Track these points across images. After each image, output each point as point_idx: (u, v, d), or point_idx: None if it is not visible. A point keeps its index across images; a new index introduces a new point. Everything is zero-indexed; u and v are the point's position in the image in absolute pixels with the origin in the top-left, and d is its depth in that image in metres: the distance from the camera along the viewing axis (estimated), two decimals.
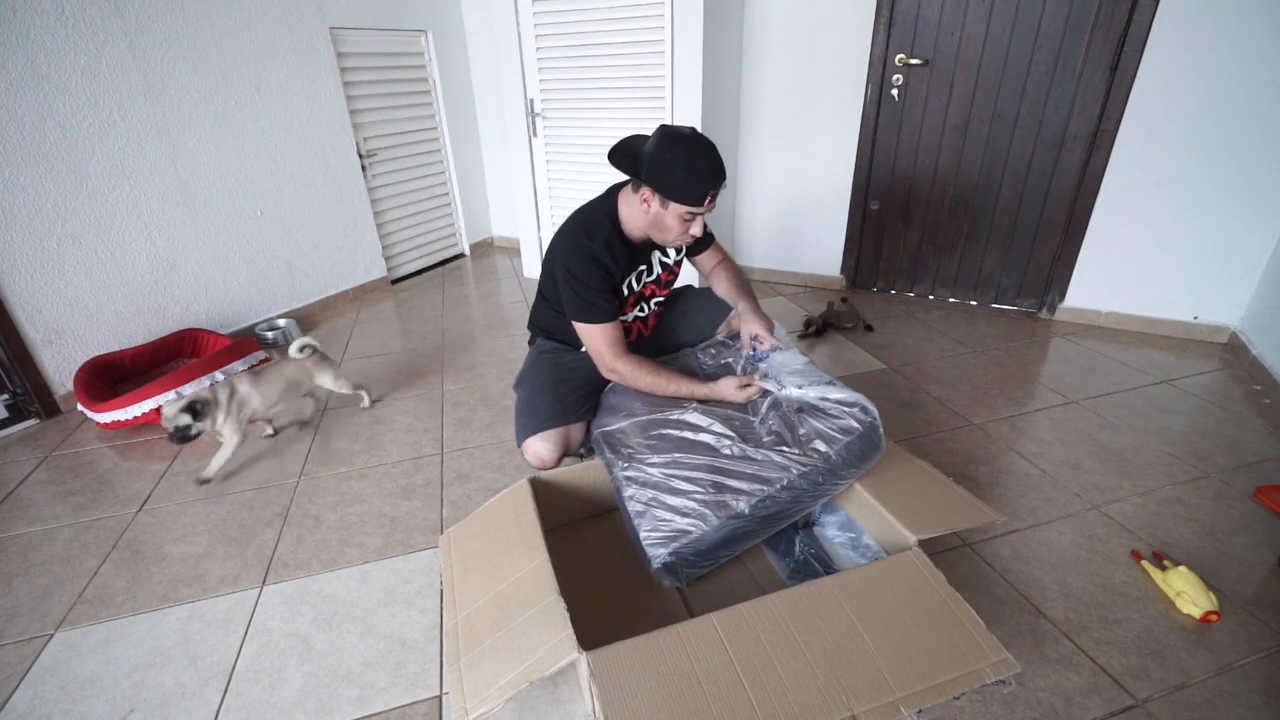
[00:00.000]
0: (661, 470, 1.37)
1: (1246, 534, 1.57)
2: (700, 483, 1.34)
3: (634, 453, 1.43)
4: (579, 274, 1.49)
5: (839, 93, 2.93)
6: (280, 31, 2.75)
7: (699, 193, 1.39)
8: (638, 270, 1.63)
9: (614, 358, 1.54)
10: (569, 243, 1.53)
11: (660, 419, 1.49)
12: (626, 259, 1.56)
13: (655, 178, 1.40)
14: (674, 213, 1.42)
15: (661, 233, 1.49)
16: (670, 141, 1.39)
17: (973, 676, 1.01)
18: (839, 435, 1.36)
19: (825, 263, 3.30)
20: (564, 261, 1.51)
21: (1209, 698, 1.17)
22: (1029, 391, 2.27)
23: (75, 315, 2.29)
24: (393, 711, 1.20)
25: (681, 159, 1.38)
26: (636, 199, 1.48)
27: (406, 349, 2.77)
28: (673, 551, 1.29)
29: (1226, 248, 2.48)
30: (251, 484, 1.88)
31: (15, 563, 1.60)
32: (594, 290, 1.50)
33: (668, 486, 1.35)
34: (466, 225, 4.00)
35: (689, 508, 1.31)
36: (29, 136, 2.09)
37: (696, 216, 1.45)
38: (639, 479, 1.38)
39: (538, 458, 1.55)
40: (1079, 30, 2.46)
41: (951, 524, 1.31)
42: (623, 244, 1.55)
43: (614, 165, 1.48)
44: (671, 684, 0.99)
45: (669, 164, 1.38)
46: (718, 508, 1.30)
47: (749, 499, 1.31)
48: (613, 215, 1.54)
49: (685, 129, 1.43)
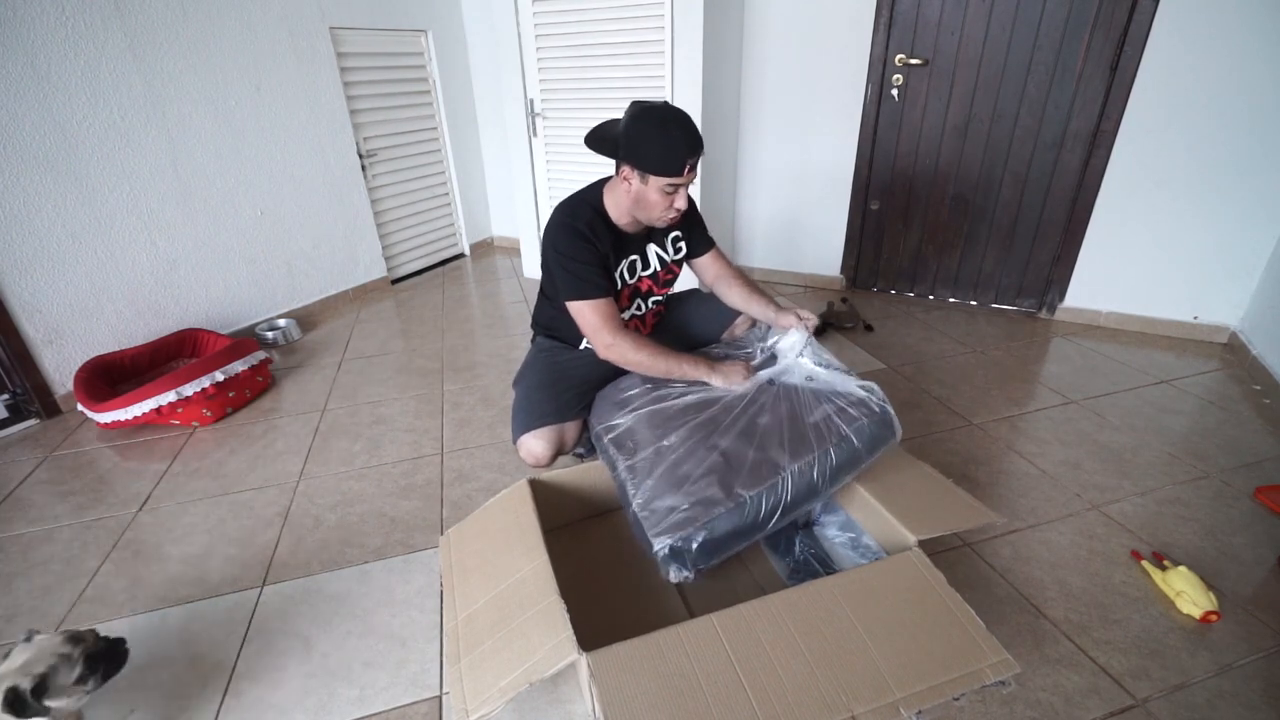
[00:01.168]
0: (668, 460, 1.35)
1: (1246, 534, 1.57)
2: (708, 471, 1.31)
3: (638, 446, 1.41)
4: (565, 249, 1.49)
5: (839, 92, 2.93)
6: (280, 32, 2.75)
7: (676, 161, 1.37)
8: (629, 259, 1.60)
9: (610, 332, 1.49)
10: (555, 223, 1.53)
11: (665, 409, 1.46)
12: (612, 242, 1.54)
13: (631, 152, 1.40)
14: (654, 186, 1.41)
15: (646, 210, 1.47)
16: (643, 114, 1.38)
17: (972, 677, 1.01)
18: (853, 418, 1.34)
19: (825, 263, 3.30)
20: (552, 242, 1.51)
21: (1209, 698, 1.17)
22: (1029, 391, 2.27)
23: (75, 315, 2.29)
24: (393, 711, 1.20)
25: (655, 128, 1.37)
26: (619, 182, 1.47)
27: (406, 349, 2.77)
28: (679, 539, 1.25)
29: (1226, 247, 2.48)
30: (251, 484, 1.88)
31: (15, 563, 1.60)
32: (581, 263, 1.48)
33: (674, 476, 1.32)
34: (466, 225, 4.00)
35: (696, 496, 1.28)
36: (29, 137, 2.09)
37: (678, 188, 1.43)
38: (644, 469, 1.36)
39: (531, 455, 1.55)
40: (1079, 30, 2.46)
41: (952, 525, 1.31)
42: (607, 228, 1.54)
43: (591, 149, 1.47)
44: (671, 684, 0.99)
45: (643, 136, 1.38)
46: (726, 496, 1.27)
47: (759, 486, 1.28)
48: (597, 203, 1.55)
49: (657, 101, 1.43)
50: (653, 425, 1.44)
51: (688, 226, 1.69)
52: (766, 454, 1.33)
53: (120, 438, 2.15)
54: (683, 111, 1.41)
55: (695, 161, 1.41)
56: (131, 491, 1.87)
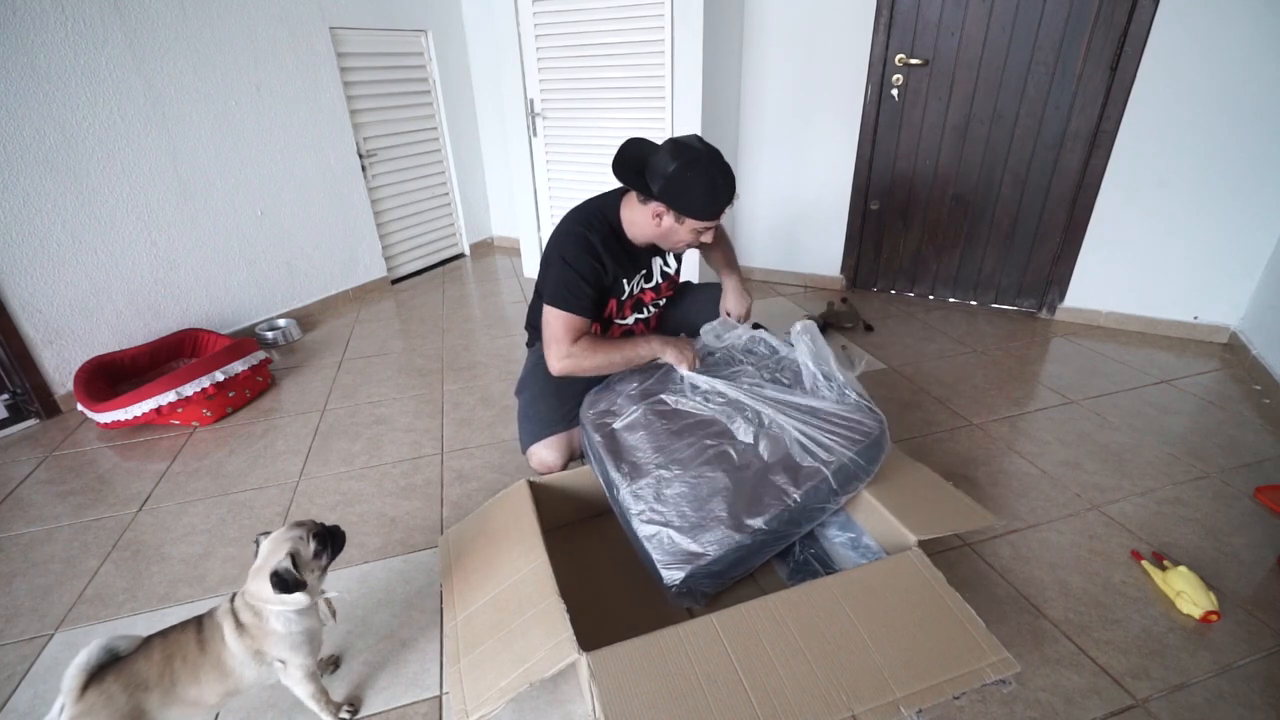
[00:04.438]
0: (674, 487, 1.33)
1: (1246, 534, 1.57)
2: (712, 495, 1.30)
3: (639, 466, 1.39)
4: (571, 259, 1.49)
5: (839, 93, 2.93)
6: (280, 31, 2.75)
7: (717, 209, 1.42)
8: (639, 274, 1.63)
9: (569, 344, 1.50)
10: (568, 230, 1.53)
11: (660, 426, 1.45)
12: (624, 259, 1.56)
13: (673, 198, 1.41)
14: (688, 227, 1.44)
15: (671, 243, 1.52)
16: (687, 161, 1.38)
17: (973, 676, 1.02)
18: (855, 438, 1.35)
19: (825, 263, 3.30)
20: (560, 248, 1.51)
21: (1209, 698, 1.17)
22: (1029, 391, 2.27)
23: (75, 315, 2.29)
24: (392, 711, 1.20)
25: (702, 180, 1.39)
26: (645, 210, 1.47)
27: (406, 349, 2.76)
28: (690, 574, 1.24)
29: (1226, 247, 2.48)
30: (251, 484, 1.88)
31: (15, 563, 1.60)
32: (580, 278, 1.49)
33: (679, 506, 1.30)
34: (466, 225, 4.00)
35: (705, 528, 1.26)
36: (29, 136, 2.09)
37: (707, 229, 1.47)
38: (648, 496, 1.34)
39: (543, 464, 1.55)
40: (1079, 30, 2.46)
41: (952, 525, 1.31)
42: (619, 244, 1.55)
43: (620, 179, 1.47)
44: (672, 685, 0.99)
45: (689, 184, 1.39)
46: (736, 528, 1.25)
47: (765, 514, 1.27)
48: (613, 217, 1.54)
49: (695, 143, 1.42)
50: (651, 441, 1.43)
51: None
52: (769, 479, 1.32)
53: (120, 438, 2.15)
54: (722, 158, 1.42)
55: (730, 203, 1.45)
56: (131, 491, 1.87)
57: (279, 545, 1.03)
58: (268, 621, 1.03)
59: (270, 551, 1.03)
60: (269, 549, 1.04)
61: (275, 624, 1.03)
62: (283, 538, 1.04)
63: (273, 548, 1.04)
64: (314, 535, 1.07)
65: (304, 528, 1.07)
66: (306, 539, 1.05)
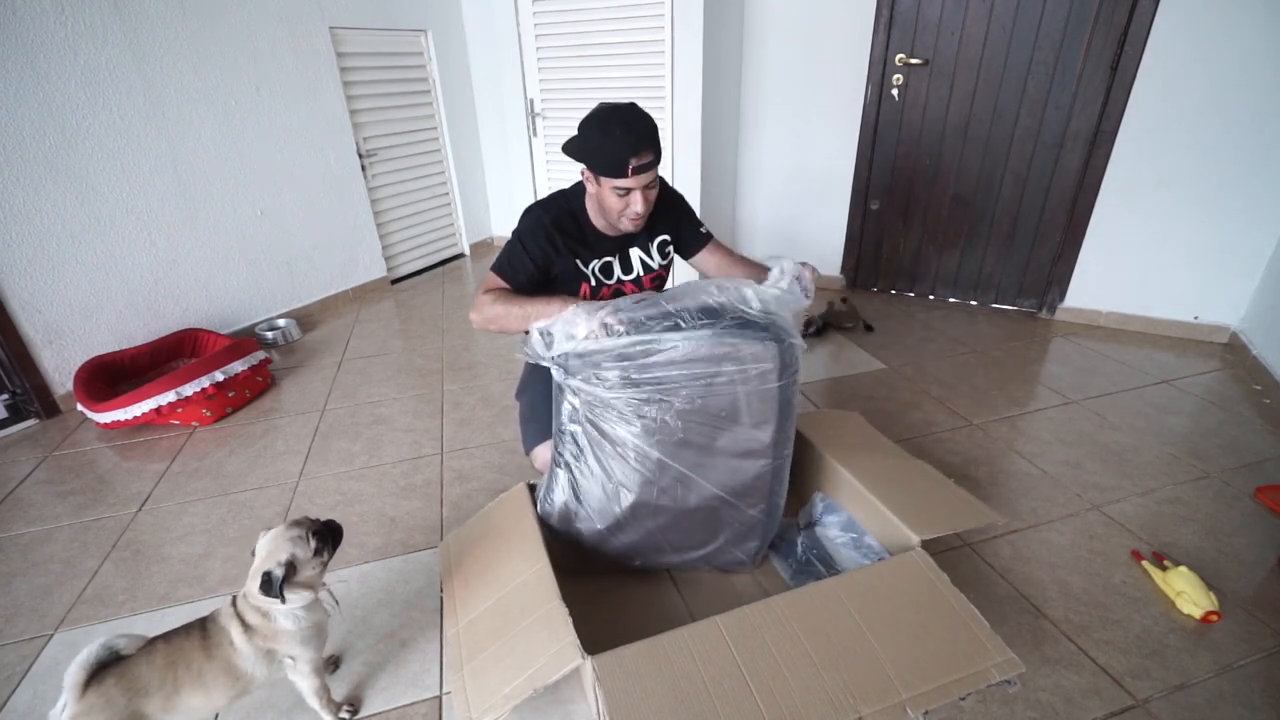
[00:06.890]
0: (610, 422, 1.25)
1: (1246, 534, 1.57)
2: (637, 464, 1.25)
3: (595, 376, 1.24)
4: (523, 232, 1.50)
5: (839, 92, 2.93)
6: (280, 31, 2.74)
7: (619, 162, 1.31)
8: (601, 261, 1.56)
9: (483, 294, 1.45)
10: (528, 211, 1.55)
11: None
12: (579, 242, 1.52)
13: (582, 153, 1.38)
14: (606, 188, 1.38)
15: (606, 213, 1.45)
16: (591, 114, 1.35)
17: (978, 677, 1.01)
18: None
19: (825, 262, 3.30)
20: (518, 228, 1.53)
21: (1209, 698, 1.17)
22: (1029, 391, 2.27)
23: (75, 315, 2.29)
24: (392, 711, 1.20)
25: (596, 129, 1.33)
26: (589, 184, 1.46)
27: (406, 349, 2.76)
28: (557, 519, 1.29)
29: (1227, 248, 2.48)
30: (251, 484, 1.88)
31: (15, 563, 1.60)
32: (524, 252, 1.48)
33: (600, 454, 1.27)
34: (466, 225, 3.99)
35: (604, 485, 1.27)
36: (29, 136, 2.09)
37: (629, 191, 1.37)
38: (582, 406, 1.26)
39: (547, 465, 1.54)
40: (1079, 30, 2.46)
41: (954, 524, 1.31)
42: (576, 226, 1.52)
43: (566, 154, 1.45)
44: (678, 688, 0.99)
45: (589, 136, 1.35)
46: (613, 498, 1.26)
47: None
48: (576, 202, 1.54)
49: (618, 102, 1.38)
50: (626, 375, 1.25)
51: (674, 226, 1.61)
52: None
53: (120, 438, 2.14)
54: (635, 110, 1.34)
55: (645, 163, 1.32)
56: (131, 491, 1.87)
57: (278, 546, 1.03)
58: (277, 620, 1.03)
59: (270, 552, 1.03)
60: (267, 549, 1.04)
61: (285, 622, 1.03)
62: (281, 538, 1.04)
63: (271, 548, 1.03)
64: (313, 533, 1.07)
65: (302, 527, 1.07)
66: (306, 538, 1.05)
